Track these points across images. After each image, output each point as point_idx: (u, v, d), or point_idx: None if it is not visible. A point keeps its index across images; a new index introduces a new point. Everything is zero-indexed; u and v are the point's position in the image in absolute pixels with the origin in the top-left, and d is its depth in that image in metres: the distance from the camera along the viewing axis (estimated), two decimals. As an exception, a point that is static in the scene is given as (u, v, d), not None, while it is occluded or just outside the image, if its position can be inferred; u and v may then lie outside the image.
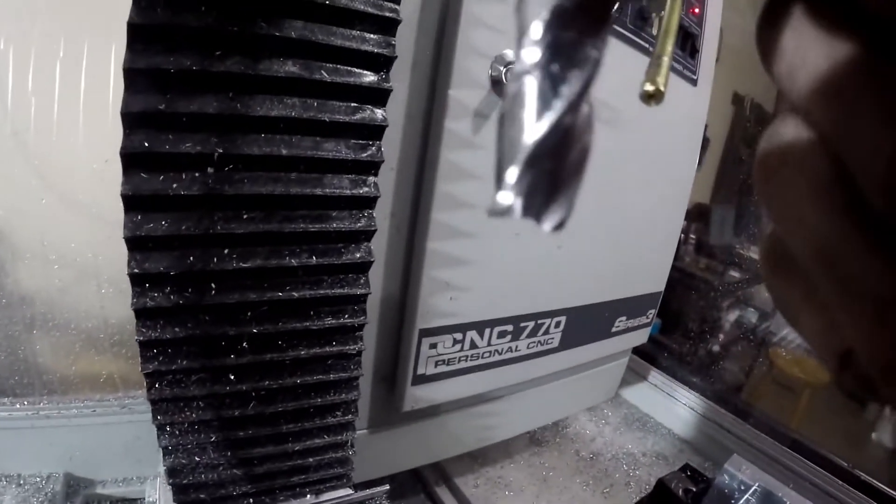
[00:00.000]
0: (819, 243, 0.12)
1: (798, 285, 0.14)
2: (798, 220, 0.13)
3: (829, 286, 0.12)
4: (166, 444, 0.44)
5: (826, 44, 0.11)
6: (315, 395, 0.48)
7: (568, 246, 0.69)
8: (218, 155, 0.38)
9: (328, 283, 0.45)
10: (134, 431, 0.72)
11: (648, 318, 0.94)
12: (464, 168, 0.55)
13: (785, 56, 0.13)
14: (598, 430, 1.06)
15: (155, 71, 0.36)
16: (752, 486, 0.59)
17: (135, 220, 0.38)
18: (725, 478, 0.60)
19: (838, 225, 0.12)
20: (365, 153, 0.44)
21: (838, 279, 0.12)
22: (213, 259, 0.40)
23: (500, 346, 0.68)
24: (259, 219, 0.41)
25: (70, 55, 0.60)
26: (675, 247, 0.94)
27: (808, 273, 0.13)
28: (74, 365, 0.71)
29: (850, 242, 0.11)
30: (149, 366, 0.41)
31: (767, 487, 0.59)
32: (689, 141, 0.86)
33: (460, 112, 0.52)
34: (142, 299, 0.39)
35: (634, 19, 0.65)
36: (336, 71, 0.42)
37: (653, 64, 0.14)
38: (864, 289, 0.11)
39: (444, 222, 0.55)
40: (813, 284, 0.13)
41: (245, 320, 0.42)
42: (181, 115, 0.37)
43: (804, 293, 0.13)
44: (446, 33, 0.52)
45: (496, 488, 0.84)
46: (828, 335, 0.13)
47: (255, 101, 0.39)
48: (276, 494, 0.53)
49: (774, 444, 0.94)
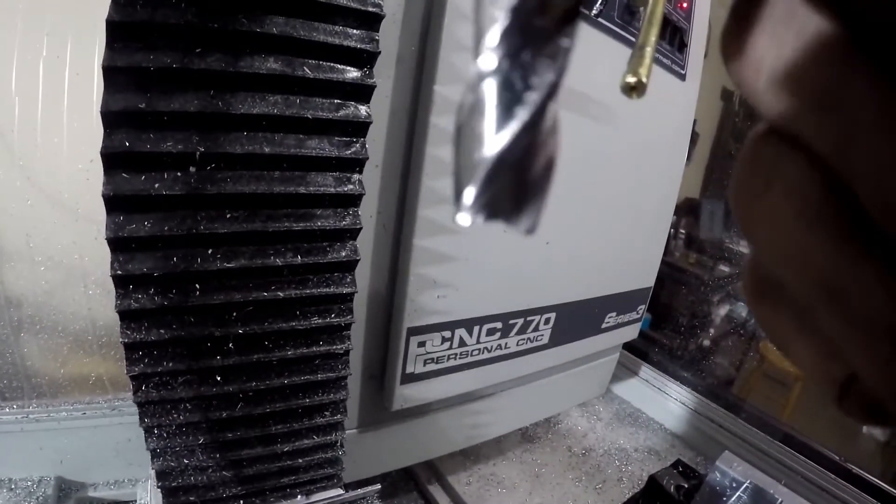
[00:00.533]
0: (817, 275, 0.11)
1: (789, 315, 0.12)
2: (789, 250, 0.11)
3: (832, 318, 0.11)
4: (154, 446, 0.44)
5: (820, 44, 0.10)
6: (303, 396, 0.48)
7: (556, 242, 0.69)
8: (200, 154, 0.38)
9: (314, 282, 0.45)
10: (124, 433, 0.72)
11: (638, 314, 0.94)
12: (450, 164, 0.54)
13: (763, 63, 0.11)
14: (590, 426, 1.06)
15: (134, 69, 0.35)
16: (744, 483, 0.59)
17: (117, 221, 0.37)
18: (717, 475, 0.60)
19: (838, 253, 0.10)
20: (349, 150, 0.43)
21: (842, 311, 0.11)
22: (197, 259, 0.39)
23: (490, 343, 0.67)
24: (242, 218, 0.40)
25: (53, 54, 0.59)
26: (664, 242, 0.94)
27: (800, 303, 0.12)
28: (63, 368, 0.70)
29: (854, 271, 0.10)
30: (134, 368, 0.41)
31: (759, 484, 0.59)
32: (678, 135, 0.86)
33: (446, 108, 0.52)
34: (126, 301, 0.39)
35: (622, 14, 0.65)
36: (319, 67, 0.41)
37: (635, 55, 0.13)
38: (875, 319, 0.10)
39: (431, 219, 0.55)
40: (806, 313, 0.12)
41: (230, 321, 0.42)
42: (162, 113, 0.36)
43: (796, 323, 0.12)
44: (431, 28, 0.51)
45: (489, 485, 0.85)
46: (827, 363, 0.12)
47: (236, 99, 0.38)
48: (267, 496, 0.52)
49: (766, 439, 0.95)
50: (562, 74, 0.12)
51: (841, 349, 0.11)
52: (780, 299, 0.12)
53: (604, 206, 0.75)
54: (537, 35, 0.12)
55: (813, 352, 0.12)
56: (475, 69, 0.12)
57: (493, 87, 0.12)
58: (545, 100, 0.11)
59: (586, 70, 0.60)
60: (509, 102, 0.12)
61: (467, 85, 0.12)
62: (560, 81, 0.12)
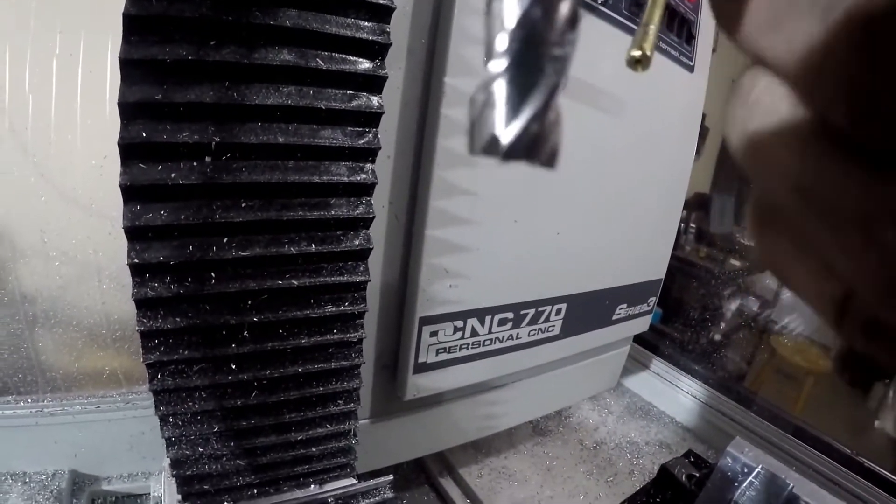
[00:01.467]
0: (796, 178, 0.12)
1: (786, 236, 0.13)
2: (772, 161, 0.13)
3: (815, 222, 0.12)
4: (169, 435, 0.45)
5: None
6: (317, 384, 0.48)
7: (567, 232, 0.69)
8: (215, 144, 0.38)
9: (328, 270, 0.45)
10: (138, 427, 0.72)
11: (649, 306, 0.94)
12: (461, 155, 0.55)
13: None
14: (601, 420, 1.06)
15: (151, 61, 0.36)
16: (756, 469, 0.59)
17: (134, 211, 0.38)
18: (728, 460, 0.60)
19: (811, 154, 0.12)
20: (362, 140, 0.44)
21: (821, 210, 0.12)
22: (213, 248, 0.40)
23: (501, 333, 0.68)
24: (257, 207, 0.41)
25: (66, 51, 0.60)
26: (674, 234, 0.94)
27: (794, 220, 0.13)
28: (77, 362, 0.71)
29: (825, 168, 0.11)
30: (150, 356, 0.41)
31: (771, 469, 0.59)
32: (687, 126, 0.86)
33: (457, 99, 0.52)
34: (142, 289, 0.39)
35: (629, 6, 0.65)
36: (331, 59, 0.42)
37: (640, 31, 0.14)
38: (848, 211, 0.11)
39: (443, 209, 0.55)
40: (800, 231, 0.13)
41: (245, 309, 0.42)
42: (178, 104, 0.37)
43: (793, 243, 0.13)
44: (441, 20, 0.52)
45: (500, 478, 0.85)
46: (821, 283, 0.13)
47: (251, 90, 0.39)
48: (281, 485, 0.53)
49: (777, 432, 0.94)
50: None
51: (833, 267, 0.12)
52: (778, 224, 0.14)
53: (614, 197, 0.75)
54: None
55: (809, 276, 0.13)
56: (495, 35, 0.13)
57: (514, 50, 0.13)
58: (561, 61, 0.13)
59: (594, 61, 0.60)
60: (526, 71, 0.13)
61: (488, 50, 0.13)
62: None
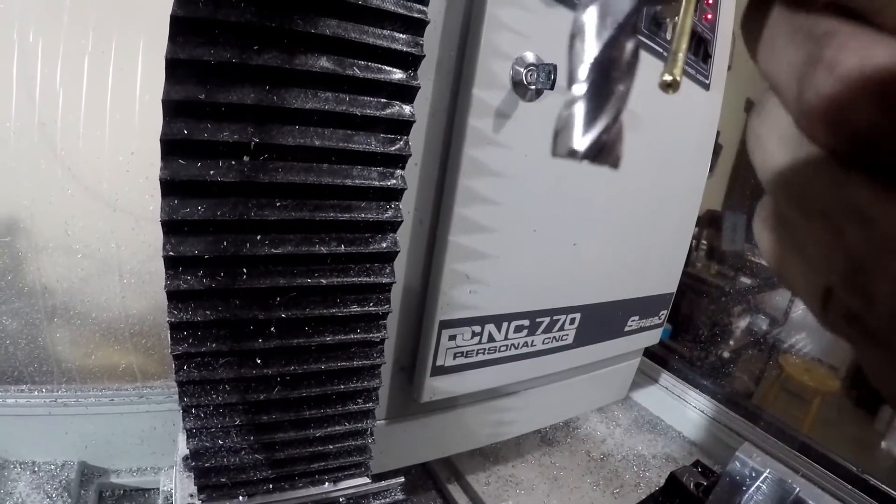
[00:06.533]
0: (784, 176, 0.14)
1: (784, 236, 0.15)
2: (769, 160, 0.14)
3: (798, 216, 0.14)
4: (191, 426, 0.45)
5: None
6: (338, 382, 0.49)
7: (583, 244, 0.70)
8: (254, 144, 0.39)
9: (355, 270, 0.46)
10: (150, 422, 0.73)
11: (660, 319, 0.95)
12: (485, 165, 0.56)
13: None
14: (609, 432, 1.07)
15: (195, 62, 0.37)
16: (764, 473, 0.59)
17: (172, 205, 0.39)
18: (737, 465, 0.60)
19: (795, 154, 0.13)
20: (393, 147, 0.45)
21: (802, 208, 0.13)
22: (246, 244, 0.41)
23: (517, 340, 0.68)
24: (291, 207, 0.42)
25: (98, 49, 0.61)
26: (686, 249, 0.95)
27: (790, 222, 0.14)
28: (93, 354, 0.72)
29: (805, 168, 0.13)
30: (178, 347, 0.42)
31: (779, 474, 0.59)
32: (702, 143, 0.87)
33: (483, 110, 0.54)
34: (175, 282, 0.40)
35: (649, 24, 0.66)
36: (367, 68, 0.43)
37: (670, 59, 0.16)
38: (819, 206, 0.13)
39: (466, 217, 0.56)
40: (795, 232, 0.14)
41: (274, 305, 0.44)
42: (220, 104, 0.38)
43: (789, 243, 0.15)
44: (470, 34, 0.53)
45: (507, 486, 0.85)
46: (809, 278, 0.14)
47: (290, 94, 0.40)
48: (296, 480, 0.53)
49: (784, 448, 0.95)
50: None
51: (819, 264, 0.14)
52: (779, 225, 0.15)
53: (630, 211, 0.76)
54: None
55: (800, 270, 0.15)
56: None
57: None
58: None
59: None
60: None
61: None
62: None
